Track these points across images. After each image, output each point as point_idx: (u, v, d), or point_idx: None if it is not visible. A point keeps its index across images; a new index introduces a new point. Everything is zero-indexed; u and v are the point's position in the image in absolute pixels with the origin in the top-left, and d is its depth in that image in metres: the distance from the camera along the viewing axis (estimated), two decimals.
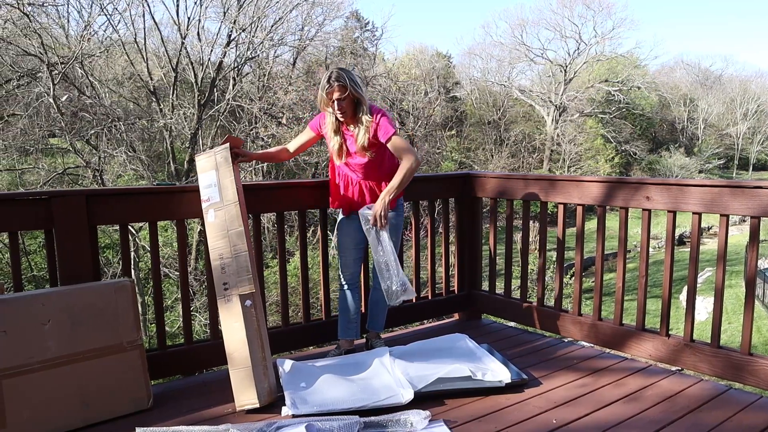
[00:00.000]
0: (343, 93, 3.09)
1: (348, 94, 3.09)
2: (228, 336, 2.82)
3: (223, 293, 2.84)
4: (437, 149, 28.71)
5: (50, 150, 17.51)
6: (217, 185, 2.94)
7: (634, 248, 21.66)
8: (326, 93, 3.12)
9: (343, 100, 3.10)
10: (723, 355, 2.99)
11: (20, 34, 14.45)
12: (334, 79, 3.09)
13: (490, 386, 2.94)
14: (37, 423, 2.52)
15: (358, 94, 3.12)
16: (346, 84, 3.08)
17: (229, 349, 2.82)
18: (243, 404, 2.77)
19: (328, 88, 3.10)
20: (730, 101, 45.12)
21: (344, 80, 3.08)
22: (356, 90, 3.11)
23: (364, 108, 3.16)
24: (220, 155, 2.98)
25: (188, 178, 16.99)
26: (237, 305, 2.81)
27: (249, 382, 2.77)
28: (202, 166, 3.02)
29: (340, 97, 3.09)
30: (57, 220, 2.77)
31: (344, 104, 3.12)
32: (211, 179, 2.96)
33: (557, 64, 36.42)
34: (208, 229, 2.92)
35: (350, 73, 3.15)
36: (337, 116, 3.18)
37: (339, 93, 3.09)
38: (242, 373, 2.78)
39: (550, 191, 3.72)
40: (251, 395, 2.77)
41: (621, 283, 3.43)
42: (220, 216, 2.90)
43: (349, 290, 3.46)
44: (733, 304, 18.66)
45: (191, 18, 17.59)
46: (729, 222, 3.00)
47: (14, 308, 2.51)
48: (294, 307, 10.21)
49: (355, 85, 3.11)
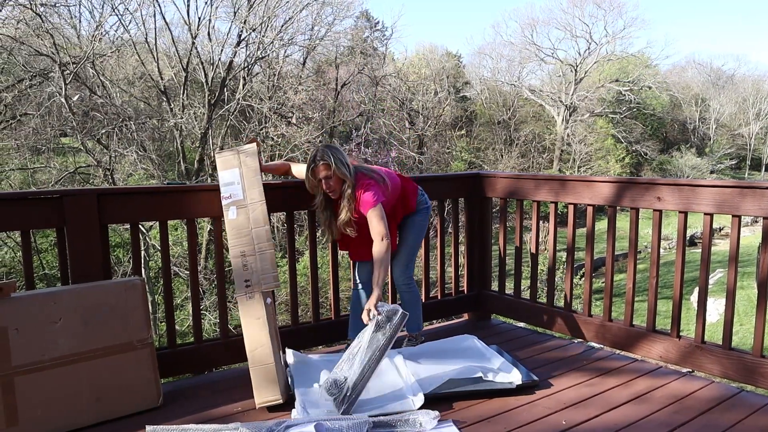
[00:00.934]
0: (328, 171, 3.09)
1: (333, 173, 3.09)
2: (249, 333, 2.82)
3: (245, 290, 2.85)
4: (447, 149, 28.69)
5: (62, 149, 17.63)
6: (241, 183, 2.96)
7: (645, 249, 21.52)
8: (311, 171, 3.13)
9: (330, 178, 3.11)
10: (735, 357, 2.97)
11: (33, 34, 14.56)
12: (319, 157, 3.11)
13: (498, 387, 2.93)
14: (48, 420, 2.53)
15: (342, 173, 3.10)
16: (330, 162, 3.08)
17: (250, 347, 2.81)
18: (265, 401, 2.78)
19: (314, 166, 3.12)
20: (742, 101, 44.75)
21: (329, 158, 3.08)
22: (340, 169, 3.10)
23: (349, 183, 3.13)
24: (246, 154, 3.01)
25: (198, 177, 17.06)
26: (260, 302, 2.82)
27: (271, 378, 2.78)
28: (224, 162, 3.03)
29: (326, 176, 3.11)
30: (68, 218, 2.79)
31: (332, 182, 3.13)
32: (234, 177, 2.98)
33: (567, 63, 36.27)
34: (229, 225, 2.93)
35: (336, 150, 3.16)
36: (329, 194, 3.19)
37: (324, 171, 3.10)
38: (264, 369, 2.79)
39: (560, 191, 3.71)
40: (274, 392, 2.78)
41: (631, 283, 3.41)
42: (242, 213, 2.92)
43: (363, 289, 3.47)
44: (745, 305, 18.51)
45: (202, 18, 17.66)
46: (741, 223, 2.97)
47: (26, 306, 2.53)
48: (303, 307, 10.24)
49: (340, 163, 3.10)
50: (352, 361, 2.82)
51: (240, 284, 2.86)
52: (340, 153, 3.16)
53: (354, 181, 3.14)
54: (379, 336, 2.84)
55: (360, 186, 3.14)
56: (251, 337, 2.82)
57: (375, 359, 2.78)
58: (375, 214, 3.10)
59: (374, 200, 3.11)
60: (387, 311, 2.91)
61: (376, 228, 3.09)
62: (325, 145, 3.15)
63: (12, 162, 15.47)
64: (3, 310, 2.47)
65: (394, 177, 3.39)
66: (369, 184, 3.15)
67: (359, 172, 3.19)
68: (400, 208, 3.42)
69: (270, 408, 2.78)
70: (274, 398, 2.78)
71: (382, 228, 3.09)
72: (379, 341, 2.82)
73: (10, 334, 2.47)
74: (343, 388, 2.71)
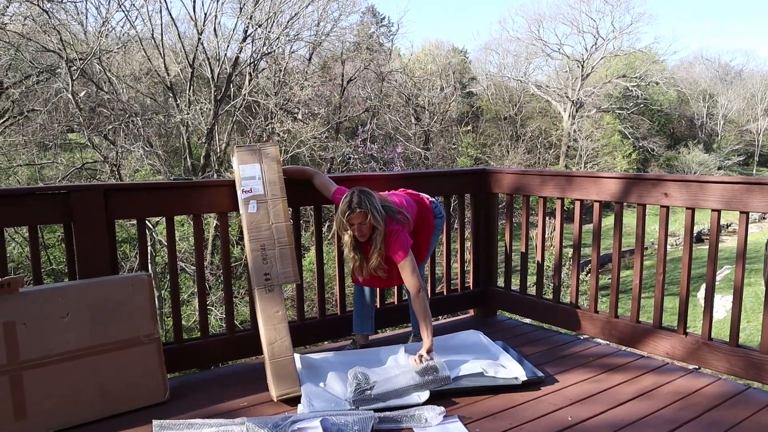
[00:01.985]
0: (364, 219, 3.01)
1: (369, 221, 3.01)
2: (267, 326, 2.86)
3: (264, 283, 2.89)
4: (453, 145, 28.62)
5: (69, 145, 17.69)
6: (262, 179, 3.03)
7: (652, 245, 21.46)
8: (346, 217, 3.01)
9: (364, 225, 3.03)
10: (742, 354, 2.95)
11: (40, 30, 14.59)
12: (356, 204, 2.99)
13: (504, 384, 2.93)
14: (56, 414, 2.55)
15: (377, 222, 3.01)
16: (367, 211, 2.99)
17: (269, 340, 2.84)
18: (284, 393, 2.80)
19: (350, 213, 2.99)
20: (750, 97, 44.45)
21: (365, 206, 2.99)
22: (376, 218, 3.01)
23: (380, 230, 3.06)
24: (267, 152, 3.09)
25: (204, 173, 17.09)
26: (279, 296, 2.89)
27: (291, 370, 2.82)
28: (244, 157, 3.08)
29: (360, 223, 3.02)
30: (75, 214, 2.80)
31: (364, 229, 3.05)
32: (255, 172, 3.05)
33: (574, 59, 36.10)
34: (248, 219, 2.98)
35: (371, 196, 3.06)
36: (358, 238, 3.13)
37: (360, 219, 3.01)
38: (283, 362, 2.83)
39: (566, 187, 3.70)
40: (293, 384, 2.82)
41: (638, 280, 3.40)
42: (263, 208, 2.99)
43: (365, 286, 3.46)
44: (752, 302, 18.43)
45: (208, 14, 17.65)
46: (749, 219, 2.96)
47: (34, 301, 2.55)
48: (309, 302, 10.26)
49: (376, 212, 3.01)
50: (385, 374, 2.91)
51: (259, 277, 2.90)
52: (375, 199, 3.06)
53: (384, 229, 3.07)
54: (417, 377, 2.87)
55: (389, 233, 3.08)
56: (269, 331, 2.85)
57: (402, 392, 2.81)
58: (408, 266, 3.06)
59: (405, 251, 3.06)
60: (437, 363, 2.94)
61: (411, 281, 3.07)
62: (360, 190, 3.05)
63: (19, 158, 15.53)
64: (11, 305, 2.48)
65: (412, 205, 3.36)
66: (398, 232, 3.08)
67: (387, 216, 3.09)
68: (421, 224, 3.40)
69: (282, 401, 2.79)
70: (293, 390, 2.81)
71: (416, 281, 3.06)
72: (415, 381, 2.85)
73: (18, 329, 2.48)
74: (370, 384, 2.78)
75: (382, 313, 3.77)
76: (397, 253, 3.07)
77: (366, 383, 2.77)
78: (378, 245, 3.09)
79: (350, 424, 2.47)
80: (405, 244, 3.09)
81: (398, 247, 3.07)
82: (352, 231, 3.09)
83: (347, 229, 3.08)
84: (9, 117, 15.21)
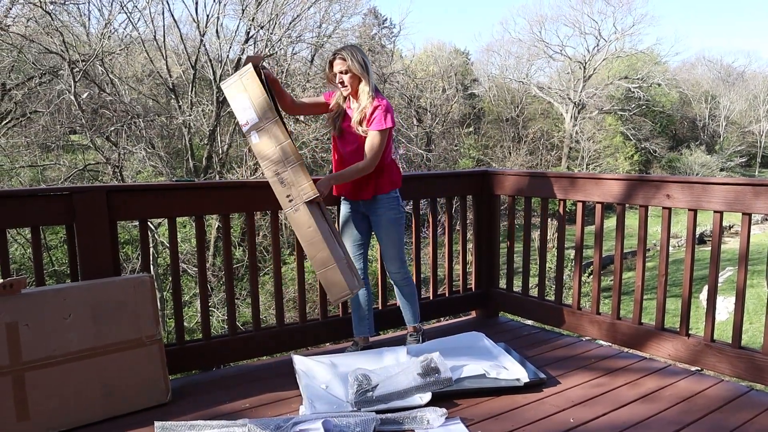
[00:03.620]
0: (343, 65, 3.15)
1: (348, 68, 3.15)
2: (305, 243, 2.96)
3: (289, 205, 2.97)
4: (455, 146, 28.61)
5: (71, 146, 17.72)
6: (252, 106, 3.01)
7: (654, 247, 21.41)
8: (329, 62, 3.23)
9: (345, 73, 3.17)
10: (744, 355, 2.95)
11: (42, 32, 14.63)
12: (337, 51, 3.20)
13: (506, 385, 2.93)
14: (58, 415, 2.55)
15: (359, 71, 3.15)
16: (345, 57, 3.14)
17: (311, 254, 2.94)
18: (338, 296, 2.94)
19: (331, 57, 3.21)
20: (753, 98, 44.38)
21: (346, 54, 3.15)
22: (357, 66, 3.14)
23: (367, 90, 3.18)
24: (246, 77, 3.04)
25: (206, 174, 17.11)
26: (306, 213, 2.95)
27: (338, 276, 2.91)
28: (230, 93, 3.08)
29: (340, 70, 3.17)
30: (78, 215, 2.81)
31: (346, 78, 3.17)
32: (244, 102, 3.03)
33: (576, 60, 36.08)
34: (256, 149, 3.04)
35: (358, 50, 3.20)
36: (341, 89, 3.23)
37: (340, 66, 3.17)
38: (329, 271, 2.92)
39: (569, 189, 3.70)
40: (342, 287, 2.91)
41: (640, 281, 3.40)
42: (263, 135, 3.00)
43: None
44: (755, 304, 18.40)
45: (210, 15, 17.69)
46: (751, 221, 2.95)
47: (36, 302, 2.55)
48: (311, 304, 10.25)
49: (357, 62, 3.14)
50: (386, 375, 2.89)
51: (284, 202, 2.98)
52: (362, 54, 3.20)
53: (373, 90, 3.19)
54: (419, 379, 2.87)
55: (379, 103, 3.18)
56: (308, 248, 2.95)
57: (404, 393, 2.81)
58: (376, 140, 3.15)
59: (381, 127, 3.15)
60: (439, 365, 2.94)
61: (369, 155, 3.15)
62: (351, 44, 3.24)
63: (22, 159, 15.55)
64: (14, 306, 2.49)
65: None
66: (385, 108, 3.17)
67: (377, 93, 3.23)
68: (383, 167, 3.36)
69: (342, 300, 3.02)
70: (345, 293, 2.93)
71: (372, 161, 3.16)
72: (417, 382, 2.85)
73: (20, 330, 2.49)
74: (371, 385, 2.77)
75: (383, 314, 3.77)
76: (374, 122, 3.16)
77: (367, 384, 2.77)
78: (361, 101, 3.18)
79: (352, 426, 2.47)
80: (383, 122, 3.15)
81: (380, 117, 3.15)
82: (337, 82, 3.20)
83: (332, 79, 3.23)
84: (12, 118, 15.25)
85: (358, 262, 3.44)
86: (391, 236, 3.39)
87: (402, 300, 3.55)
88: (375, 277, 3.88)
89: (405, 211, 3.50)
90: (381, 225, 3.36)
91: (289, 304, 12.68)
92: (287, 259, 15.12)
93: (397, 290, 3.54)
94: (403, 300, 3.54)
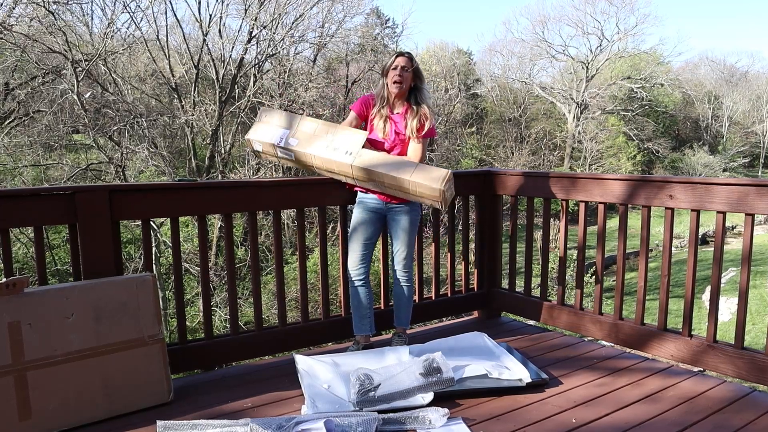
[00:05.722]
0: (408, 63, 3.35)
1: (411, 70, 3.35)
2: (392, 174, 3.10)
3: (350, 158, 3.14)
4: (457, 146, 28.60)
5: (74, 146, 17.74)
6: (273, 126, 3.32)
7: (656, 247, 21.40)
8: (393, 59, 3.37)
9: (407, 70, 3.34)
10: (747, 356, 2.94)
11: (45, 31, 14.66)
12: (405, 52, 3.41)
13: (508, 386, 2.93)
14: (60, 414, 2.55)
15: (419, 78, 3.39)
16: (412, 58, 3.39)
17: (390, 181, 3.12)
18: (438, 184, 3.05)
19: (398, 55, 3.38)
20: (756, 98, 44.31)
21: (413, 58, 3.40)
22: (419, 72, 3.39)
23: (423, 97, 3.41)
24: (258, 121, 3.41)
25: (209, 174, 17.13)
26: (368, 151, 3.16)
27: (426, 174, 3.08)
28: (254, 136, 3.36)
29: (404, 66, 3.34)
30: (80, 214, 2.81)
31: (405, 75, 3.34)
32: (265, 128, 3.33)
33: (579, 60, 36.07)
34: (301, 149, 3.22)
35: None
36: (393, 83, 3.34)
37: (404, 62, 3.34)
38: (419, 176, 3.07)
39: (571, 189, 3.69)
40: (439, 173, 3.08)
41: (643, 282, 3.39)
42: (297, 132, 3.26)
43: (359, 287, 3.47)
44: (758, 304, 18.38)
45: (213, 15, 17.72)
46: (754, 221, 2.95)
47: (39, 302, 2.55)
48: (313, 303, 10.25)
49: (419, 69, 3.41)
50: (388, 374, 2.87)
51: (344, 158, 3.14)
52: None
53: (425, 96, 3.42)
54: (421, 379, 2.86)
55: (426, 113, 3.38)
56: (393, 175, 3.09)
57: (406, 393, 2.80)
58: (421, 147, 3.37)
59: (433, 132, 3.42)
60: (441, 365, 2.92)
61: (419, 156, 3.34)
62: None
63: (25, 158, 15.58)
64: (16, 305, 2.49)
65: None
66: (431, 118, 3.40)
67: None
68: None
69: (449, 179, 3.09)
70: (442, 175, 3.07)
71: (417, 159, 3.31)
72: (419, 382, 2.84)
73: (23, 329, 2.49)
74: (373, 384, 2.76)
75: (385, 314, 3.77)
76: (430, 129, 3.38)
77: (369, 384, 2.77)
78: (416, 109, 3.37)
79: (354, 426, 2.47)
80: (431, 131, 3.39)
81: (431, 127, 3.39)
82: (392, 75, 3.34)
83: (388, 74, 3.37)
84: (15, 118, 15.29)
85: (365, 263, 3.45)
86: (409, 238, 3.45)
87: (400, 301, 3.55)
88: (377, 277, 3.88)
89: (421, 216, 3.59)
90: (402, 226, 3.42)
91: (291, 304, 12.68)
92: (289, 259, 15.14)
93: (396, 291, 3.54)
94: (400, 301, 3.55)
